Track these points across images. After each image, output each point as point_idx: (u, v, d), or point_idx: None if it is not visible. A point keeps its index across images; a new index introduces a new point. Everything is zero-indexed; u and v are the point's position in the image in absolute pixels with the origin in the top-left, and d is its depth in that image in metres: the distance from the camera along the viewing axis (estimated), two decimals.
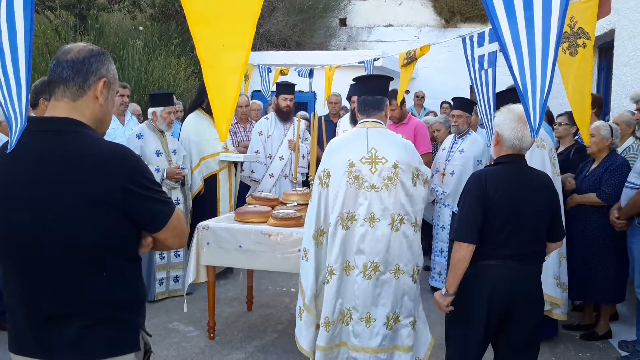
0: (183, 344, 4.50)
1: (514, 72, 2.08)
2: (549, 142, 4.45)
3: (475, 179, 2.91)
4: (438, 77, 10.53)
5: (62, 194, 1.65)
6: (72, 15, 10.14)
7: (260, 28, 12.87)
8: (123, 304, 1.78)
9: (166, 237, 1.84)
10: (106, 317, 1.74)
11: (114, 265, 1.74)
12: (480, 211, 2.81)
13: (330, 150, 3.47)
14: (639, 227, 4.28)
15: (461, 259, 2.82)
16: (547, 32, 2.06)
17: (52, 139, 1.71)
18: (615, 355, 4.44)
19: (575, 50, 3.89)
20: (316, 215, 3.41)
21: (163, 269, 5.54)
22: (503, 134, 2.91)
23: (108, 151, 1.72)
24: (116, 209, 1.68)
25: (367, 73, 6.78)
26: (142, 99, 8.59)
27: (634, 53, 5.69)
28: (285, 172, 6.58)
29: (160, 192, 1.81)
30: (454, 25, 13.18)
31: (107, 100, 1.83)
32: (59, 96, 1.77)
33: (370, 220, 3.30)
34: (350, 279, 3.36)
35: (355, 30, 14.34)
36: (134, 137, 5.46)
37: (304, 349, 3.48)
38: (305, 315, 3.44)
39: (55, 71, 1.77)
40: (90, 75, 1.77)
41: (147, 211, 1.77)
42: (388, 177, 3.30)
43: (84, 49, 1.80)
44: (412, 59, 4.87)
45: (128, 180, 1.69)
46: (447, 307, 2.94)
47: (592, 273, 4.63)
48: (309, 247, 3.43)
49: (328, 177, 3.37)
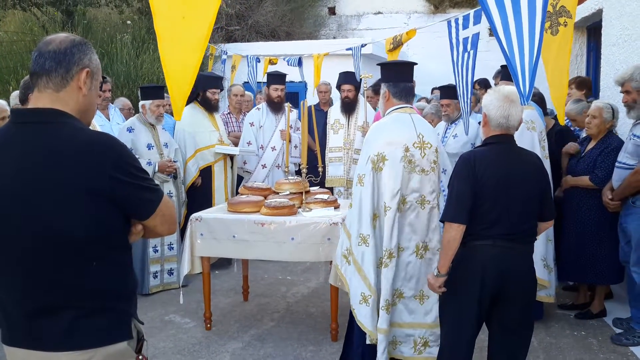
0: (180, 336, 4.51)
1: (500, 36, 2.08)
2: (539, 125, 4.45)
3: (464, 160, 2.92)
4: (428, 64, 10.46)
5: (49, 187, 1.65)
6: (59, 12, 10.06)
7: (249, 19, 12.80)
8: (114, 293, 1.79)
9: (155, 224, 1.85)
10: (98, 306, 1.74)
11: (104, 255, 1.74)
12: (470, 192, 2.82)
13: (379, 135, 3.47)
14: (633, 207, 4.29)
15: (451, 239, 2.85)
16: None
17: (37, 130, 1.71)
18: (610, 333, 4.48)
19: (556, 29, 3.90)
20: (371, 200, 3.39)
21: (157, 262, 5.53)
22: (489, 113, 2.92)
23: (93, 141, 1.72)
24: (105, 198, 1.69)
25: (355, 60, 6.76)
26: (132, 94, 8.55)
27: (622, 32, 5.69)
28: (278, 163, 6.58)
29: (147, 180, 1.81)
30: (443, 10, 13.11)
31: (91, 90, 1.83)
32: (42, 87, 1.76)
33: (421, 202, 3.44)
34: (403, 260, 3.45)
35: (344, 19, 14.28)
36: (124, 130, 5.44)
37: (372, 332, 3.45)
38: (372, 301, 3.42)
39: (38, 62, 1.76)
40: (72, 66, 1.76)
41: (136, 199, 1.77)
42: (433, 160, 3.49)
43: (65, 39, 1.79)
44: (398, 43, 4.86)
45: (115, 169, 1.69)
46: (439, 287, 2.97)
47: (587, 254, 4.65)
48: (368, 233, 3.39)
49: (383, 162, 3.38)
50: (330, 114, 6.70)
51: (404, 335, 3.52)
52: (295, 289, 5.69)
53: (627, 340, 4.28)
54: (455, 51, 4.28)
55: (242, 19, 12.85)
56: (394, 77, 3.62)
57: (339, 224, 4.09)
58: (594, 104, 4.68)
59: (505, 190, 2.83)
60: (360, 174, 3.45)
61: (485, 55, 5.96)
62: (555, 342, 4.36)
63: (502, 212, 2.83)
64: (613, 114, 4.59)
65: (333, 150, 6.55)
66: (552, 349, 4.24)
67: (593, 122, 4.60)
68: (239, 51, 9.45)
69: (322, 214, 4.33)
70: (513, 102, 2.88)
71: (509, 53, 2.33)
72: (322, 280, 5.81)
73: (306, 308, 5.14)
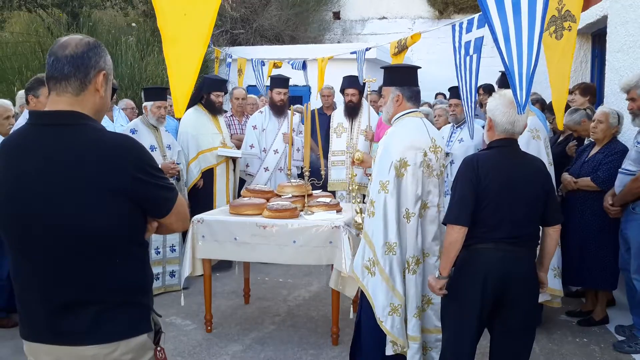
0: (180, 338, 4.50)
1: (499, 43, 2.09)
2: (543, 132, 4.43)
3: (467, 163, 2.92)
4: (433, 69, 10.46)
5: (73, 187, 1.71)
6: (65, 13, 10.12)
7: (254, 23, 12.83)
8: (135, 287, 1.86)
9: (171, 221, 1.92)
10: (120, 301, 1.81)
11: (125, 252, 1.81)
12: (472, 194, 2.81)
13: (399, 140, 3.37)
14: (633, 213, 4.27)
15: (453, 241, 2.84)
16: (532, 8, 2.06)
17: (59, 132, 1.76)
18: (612, 340, 4.45)
19: (560, 33, 3.90)
20: (396, 207, 3.29)
21: (159, 264, 5.52)
22: (495, 118, 2.92)
23: (115, 143, 1.78)
24: (127, 197, 1.76)
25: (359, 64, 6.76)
26: (135, 96, 8.58)
27: (627, 39, 5.67)
28: (280, 166, 6.58)
29: (164, 179, 1.88)
30: (448, 16, 13.14)
31: (106, 92, 1.89)
32: (60, 91, 1.79)
33: (438, 206, 3.41)
34: (429, 265, 3.39)
35: (349, 24, 14.31)
36: (127, 132, 5.44)
37: (404, 341, 3.36)
38: (402, 310, 3.34)
39: (55, 67, 1.78)
40: (90, 70, 1.80)
41: (155, 198, 1.84)
42: (443, 164, 3.47)
43: (80, 42, 1.81)
44: (403, 47, 4.86)
45: (136, 169, 1.76)
46: (440, 290, 2.95)
47: (589, 259, 4.62)
48: (395, 241, 3.29)
49: (405, 167, 3.30)
50: (334, 117, 6.70)
51: (433, 340, 3.44)
52: (297, 292, 5.67)
53: (629, 348, 4.25)
54: (458, 54, 4.27)
55: (246, 23, 12.89)
56: (407, 80, 3.53)
57: (341, 227, 4.08)
58: (600, 109, 4.66)
59: (508, 193, 2.82)
60: (383, 181, 3.30)
61: (490, 61, 5.94)
62: (557, 348, 4.33)
63: (505, 215, 2.82)
64: (618, 120, 4.59)
65: (336, 154, 6.54)
66: (554, 355, 4.21)
67: (599, 126, 4.59)
68: (244, 55, 9.46)
69: (324, 217, 4.32)
70: None
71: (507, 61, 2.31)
72: (324, 284, 5.79)
73: (307, 312, 5.12)
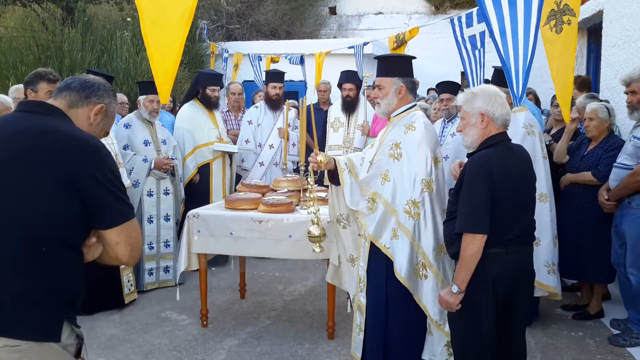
0: (176, 332, 4.49)
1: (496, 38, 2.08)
2: (537, 127, 4.40)
3: (479, 165, 2.75)
4: (429, 65, 10.47)
5: (26, 170, 1.72)
6: (60, 8, 10.05)
7: (249, 18, 12.79)
8: (59, 292, 1.77)
9: (118, 241, 1.82)
10: (38, 301, 1.73)
11: (58, 251, 1.75)
12: (488, 198, 2.67)
13: (432, 136, 3.31)
14: (629, 207, 4.26)
15: (475, 252, 2.65)
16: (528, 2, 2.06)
17: (37, 117, 1.83)
18: (607, 334, 4.46)
19: (560, 27, 3.88)
20: (439, 206, 3.26)
21: (152, 259, 5.51)
22: (494, 113, 2.79)
23: (85, 138, 1.83)
24: (76, 194, 1.74)
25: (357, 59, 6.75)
26: (130, 90, 8.54)
27: (622, 34, 5.68)
28: (276, 161, 6.56)
29: (123, 192, 1.85)
30: (444, 11, 13.12)
31: (97, 126, 1.99)
32: (58, 97, 1.94)
33: None
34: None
35: (345, 19, 14.28)
36: (121, 126, 5.44)
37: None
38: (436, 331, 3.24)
39: (67, 81, 1.98)
40: (92, 96, 1.96)
41: (105, 204, 1.79)
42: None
43: (100, 79, 2.03)
44: (402, 42, 4.85)
45: (96, 167, 1.77)
46: (457, 305, 2.75)
47: (585, 253, 4.63)
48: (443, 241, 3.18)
49: (436, 164, 3.29)
50: (331, 112, 6.69)
51: None
52: (292, 286, 5.67)
53: (624, 341, 4.26)
54: (464, 49, 4.26)
55: (242, 18, 12.85)
56: (409, 71, 3.39)
57: None
58: (588, 107, 4.61)
59: (518, 193, 2.76)
60: (427, 179, 3.19)
61: (488, 56, 5.95)
62: (553, 342, 4.34)
63: (517, 215, 2.74)
64: (609, 112, 4.55)
65: (332, 148, 6.52)
66: (550, 349, 4.22)
67: (591, 124, 4.56)
68: (240, 50, 9.44)
69: (320, 211, 4.31)
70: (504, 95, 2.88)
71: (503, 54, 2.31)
72: (320, 278, 5.79)
73: (303, 306, 5.12)
